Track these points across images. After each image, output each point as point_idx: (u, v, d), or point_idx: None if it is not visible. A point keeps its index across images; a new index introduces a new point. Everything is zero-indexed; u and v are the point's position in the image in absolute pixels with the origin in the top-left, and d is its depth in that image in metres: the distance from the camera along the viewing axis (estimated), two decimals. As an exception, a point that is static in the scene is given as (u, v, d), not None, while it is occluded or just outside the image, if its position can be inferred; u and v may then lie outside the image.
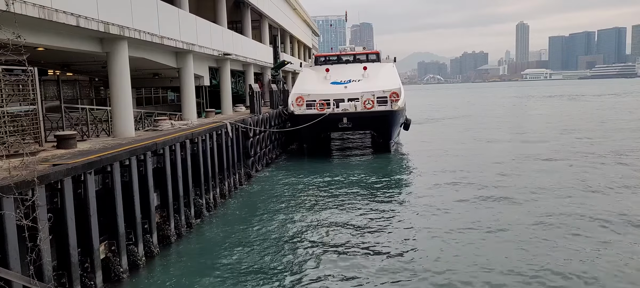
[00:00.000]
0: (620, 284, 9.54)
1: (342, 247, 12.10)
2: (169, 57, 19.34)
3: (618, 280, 9.70)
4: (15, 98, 9.64)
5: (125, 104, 14.98)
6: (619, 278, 9.78)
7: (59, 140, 11.60)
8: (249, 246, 12.39)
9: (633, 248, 11.38)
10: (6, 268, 6.91)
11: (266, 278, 10.37)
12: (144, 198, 11.62)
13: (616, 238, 12.09)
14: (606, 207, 14.80)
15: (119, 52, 14.51)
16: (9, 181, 7.11)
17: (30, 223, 7.15)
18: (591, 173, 20.25)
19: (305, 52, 60.88)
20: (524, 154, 26.05)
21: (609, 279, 9.73)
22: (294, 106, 26.45)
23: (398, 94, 26.17)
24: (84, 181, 9.15)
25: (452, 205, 15.73)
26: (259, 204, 16.87)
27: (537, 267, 10.38)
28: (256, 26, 35.70)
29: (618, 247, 11.46)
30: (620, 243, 11.71)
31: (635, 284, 9.53)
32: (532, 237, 12.28)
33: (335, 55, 34.76)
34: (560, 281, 9.74)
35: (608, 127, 38.31)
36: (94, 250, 9.29)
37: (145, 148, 11.93)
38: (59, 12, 10.99)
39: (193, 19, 20.55)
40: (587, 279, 9.78)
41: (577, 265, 10.44)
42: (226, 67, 25.74)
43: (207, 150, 16.27)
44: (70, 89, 27.04)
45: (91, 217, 9.24)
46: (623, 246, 11.49)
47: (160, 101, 34.89)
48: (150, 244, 11.58)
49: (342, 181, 20.28)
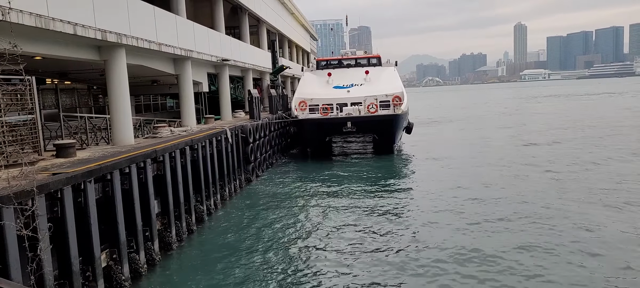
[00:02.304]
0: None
1: (343, 252, 12.04)
2: (167, 63, 19.32)
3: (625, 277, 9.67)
4: (13, 107, 9.59)
5: (124, 111, 14.94)
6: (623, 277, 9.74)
7: (58, 149, 11.56)
8: (250, 251, 12.33)
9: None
10: (7, 279, 6.85)
11: (268, 284, 10.31)
12: (145, 206, 11.56)
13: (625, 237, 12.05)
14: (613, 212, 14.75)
15: (117, 60, 14.48)
16: (8, 191, 7.05)
17: (30, 233, 7.10)
18: (595, 171, 20.22)
19: (304, 57, 60.92)
20: (526, 153, 26.04)
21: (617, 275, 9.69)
22: (297, 110, 26.49)
23: (401, 98, 26.24)
24: (84, 190, 9.10)
25: (454, 207, 15.68)
26: (260, 210, 16.81)
27: (543, 267, 10.33)
28: (254, 31, 35.72)
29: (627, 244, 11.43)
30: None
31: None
32: (539, 238, 12.22)
33: (337, 60, 34.80)
34: (566, 277, 9.70)
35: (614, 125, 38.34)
36: (95, 259, 9.23)
37: (145, 156, 11.89)
38: (56, 20, 10.97)
39: (191, 25, 20.55)
40: (591, 276, 9.74)
41: (580, 260, 10.41)
42: (225, 73, 25.72)
43: (207, 156, 16.23)
44: (68, 97, 27.02)
45: (92, 226, 9.19)
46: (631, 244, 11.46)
47: (159, 108, 34.88)
48: (151, 251, 11.52)
49: (344, 186, 20.22)
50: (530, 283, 9.67)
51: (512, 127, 42.07)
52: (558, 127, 39.45)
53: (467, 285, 9.78)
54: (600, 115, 49.33)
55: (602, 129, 36.56)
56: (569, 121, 44.78)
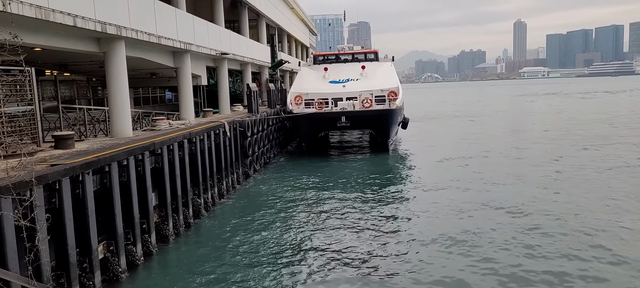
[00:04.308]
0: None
1: (340, 246, 12.11)
2: (167, 56, 19.33)
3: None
4: (12, 98, 9.63)
5: (122, 103, 14.97)
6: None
7: (56, 141, 11.60)
8: (247, 245, 12.40)
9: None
10: (5, 269, 6.91)
11: (265, 276, 10.39)
12: (142, 198, 11.62)
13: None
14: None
15: (116, 52, 14.50)
16: (7, 182, 7.10)
17: (28, 224, 7.15)
18: (594, 169, 20.33)
19: (303, 51, 60.87)
20: (522, 150, 26.14)
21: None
22: (293, 105, 26.51)
23: (396, 93, 26.23)
24: (82, 181, 9.16)
25: (450, 204, 15.75)
26: (257, 203, 16.88)
27: (542, 268, 10.42)
28: (253, 25, 35.68)
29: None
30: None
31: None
32: (536, 236, 12.30)
33: (334, 55, 34.80)
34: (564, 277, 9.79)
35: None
36: (93, 250, 9.29)
37: (143, 148, 11.93)
38: (56, 12, 10.98)
39: (190, 19, 20.54)
40: (589, 277, 9.84)
41: (583, 255, 10.50)
42: (224, 66, 25.73)
43: (205, 149, 16.28)
44: (67, 89, 26.96)
45: (89, 217, 9.25)
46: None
47: (158, 101, 34.86)
48: (148, 244, 11.59)
49: (340, 180, 20.30)
50: (530, 276, 9.76)
51: (510, 125, 42.17)
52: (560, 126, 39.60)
53: (468, 281, 9.86)
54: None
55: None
56: (567, 119, 44.92)
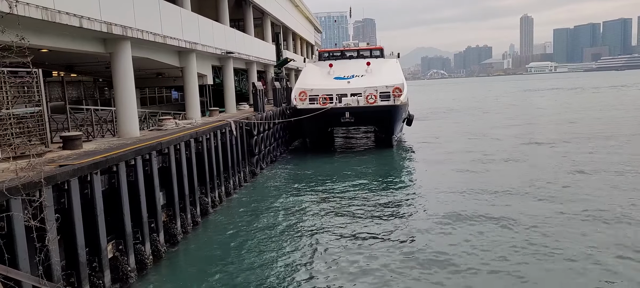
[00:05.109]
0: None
1: (348, 243, 12.12)
2: (172, 56, 19.39)
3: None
4: (20, 100, 9.70)
5: (129, 104, 15.04)
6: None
7: (64, 141, 11.67)
8: (255, 243, 12.43)
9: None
10: (16, 269, 6.98)
11: (273, 274, 10.41)
12: (150, 198, 11.67)
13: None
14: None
15: (122, 53, 14.56)
16: (16, 182, 7.16)
17: (38, 224, 7.20)
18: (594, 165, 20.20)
19: (308, 49, 60.81)
20: (529, 145, 26.01)
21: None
22: (297, 101, 26.51)
23: (401, 89, 26.14)
24: (91, 181, 9.21)
25: (455, 200, 15.73)
26: (264, 201, 16.91)
27: (547, 264, 10.38)
28: (258, 24, 35.67)
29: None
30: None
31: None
32: (542, 230, 12.26)
33: (339, 51, 34.76)
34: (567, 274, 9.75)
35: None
36: (102, 250, 9.35)
37: (151, 148, 11.99)
38: (62, 13, 11.04)
39: (195, 18, 20.58)
40: (593, 270, 9.78)
41: (584, 253, 10.44)
42: (229, 65, 25.76)
43: (211, 148, 16.32)
44: (74, 89, 27.15)
45: (98, 217, 9.30)
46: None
47: (165, 100, 34.99)
48: (157, 243, 11.64)
49: (346, 177, 20.29)
50: (537, 274, 9.73)
51: (517, 121, 41.96)
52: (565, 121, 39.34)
53: (469, 279, 9.84)
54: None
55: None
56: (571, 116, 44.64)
